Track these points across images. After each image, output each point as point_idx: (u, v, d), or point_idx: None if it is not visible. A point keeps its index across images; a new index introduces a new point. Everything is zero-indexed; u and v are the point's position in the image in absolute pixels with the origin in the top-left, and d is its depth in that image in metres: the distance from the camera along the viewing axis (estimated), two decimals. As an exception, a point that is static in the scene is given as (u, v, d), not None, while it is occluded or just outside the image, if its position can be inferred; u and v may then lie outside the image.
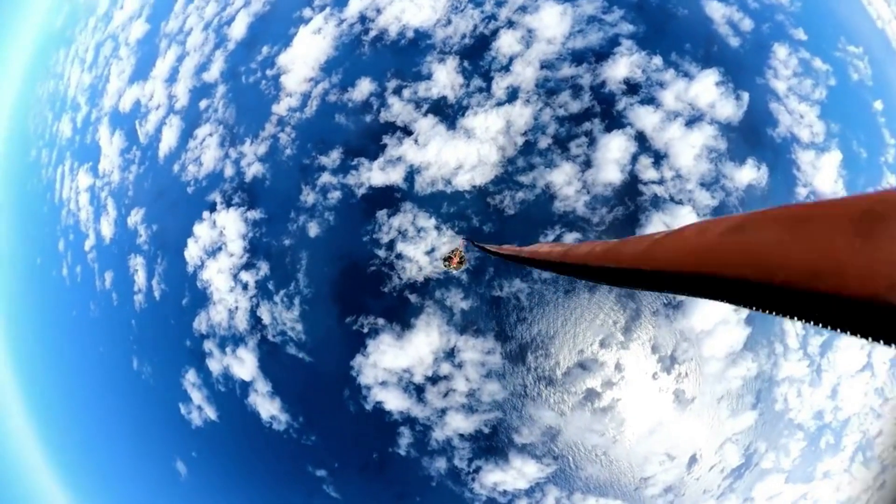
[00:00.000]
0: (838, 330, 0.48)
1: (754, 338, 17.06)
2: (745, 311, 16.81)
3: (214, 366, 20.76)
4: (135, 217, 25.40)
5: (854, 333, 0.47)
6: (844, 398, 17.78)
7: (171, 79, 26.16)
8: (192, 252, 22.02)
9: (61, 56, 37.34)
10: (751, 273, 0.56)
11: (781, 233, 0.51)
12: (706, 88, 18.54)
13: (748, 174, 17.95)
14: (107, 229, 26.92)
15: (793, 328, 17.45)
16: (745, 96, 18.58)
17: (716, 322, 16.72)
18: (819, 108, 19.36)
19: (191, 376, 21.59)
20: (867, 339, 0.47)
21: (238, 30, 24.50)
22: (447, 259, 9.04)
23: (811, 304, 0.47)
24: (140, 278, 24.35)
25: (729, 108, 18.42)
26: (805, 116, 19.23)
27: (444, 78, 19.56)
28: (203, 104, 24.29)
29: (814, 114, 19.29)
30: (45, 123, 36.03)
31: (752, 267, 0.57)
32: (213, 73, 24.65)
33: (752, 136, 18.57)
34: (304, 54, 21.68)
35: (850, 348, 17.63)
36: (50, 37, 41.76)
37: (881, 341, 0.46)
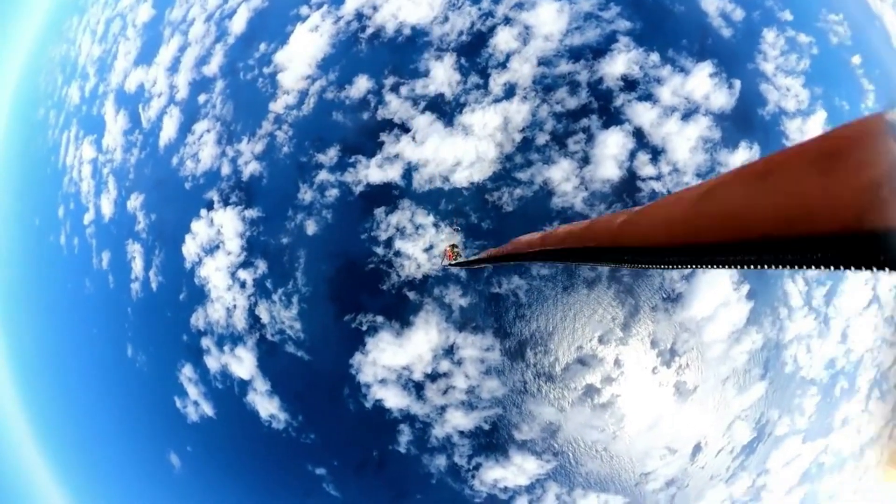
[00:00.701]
0: (824, 267, 0.48)
1: (757, 310, 16.92)
2: (745, 288, 16.88)
3: (212, 363, 20.65)
4: (134, 202, 25.23)
5: (839, 266, 0.47)
6: (854, 339, 17.53)
7: (173, 68, 26.03)
8: (190, 248, 21.91)
9: (74, 22, 36.86)
10: (729, 234, 0.57)
11: (750, 190, 0.52)
12: (701, 81, 18.54)
13: (741, 157, 17.97)
14: (107, 207, 26.73)
15: (795, 288, 17.39)
16: (737, 84, 18.61)
17: (716, 306, 16.64)
18: (803, 78, 19.47)
19: (187, 371, 21.40)
20: (852, 268, 0.48)
21: (238, 24, 24.37)
22: (452, 248, 9.09)
23: (793, 250, 0.47)
24: (137, 266, 24.13)
25: (722, 98, 18.43)
26: (791, 89, 19.29)
27: (442, 75, 19.51)
28: (202, 98, 24.21)
29: (799, 84, 19.37)
30: (55, 85, 35.60)
31: (728, 228, 0.57)
32: (212, 68, 24.54)
33: (743, 120, 18.59)
34: (301, 52, 21.59)
35: (855, 289, 17.38)
36: (64, 1, 41.17)
37: (865, 268, 0.46)
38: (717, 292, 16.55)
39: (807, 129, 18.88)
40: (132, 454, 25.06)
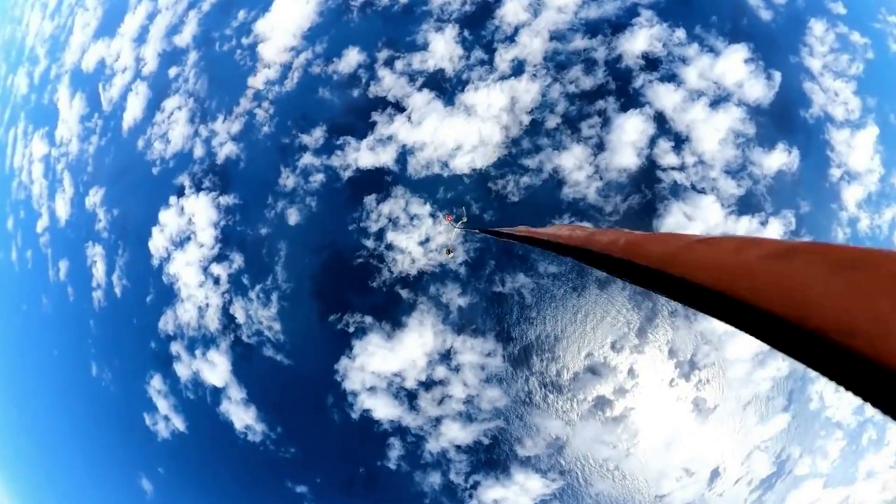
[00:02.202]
0: (867, 399, 0.45)
1: None
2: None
3: (182, 371, 20.67)
4: (94, 197, 24.96)
5: (887, 409, 0.43)
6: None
7: (140, 38, 25.68)
8: (158, 242, 21.79)
9: (21, -2, 36.16)
10: (782, 308, 0.54)
11: (827, 273, 0.49)
12: (734, 66, 18.53)
13: (778, 159, 17.98)
14: (62, 209, 26.39)
15: None
16: (777, 76, 18.59)
17: None
18: (855, 84, 19.45)
19: (156, 383, 21.47)
20: (861, 395, 0.45)
21: (214, -12, 24.14)
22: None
23: (842, 361, 0.44)
24: (99, 271, 24.06)
25: (758, 89, 18.42)
26: (840, 94, 19.31)
27: (442, 48, 19.42)
28: (172, 72, 23.90)
29: (849, 90, 19.37)
30: (-4, 75, 35.02)
31: (785, 301, 0.55)
32: (184, 37, 24.27)
33: (783, 118, 18.58)
34: (285, 20, 21.40)
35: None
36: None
37: (869, 400, 0.43)
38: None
39: (855, 143, 18.76)
40: (100, 483, 25.06)
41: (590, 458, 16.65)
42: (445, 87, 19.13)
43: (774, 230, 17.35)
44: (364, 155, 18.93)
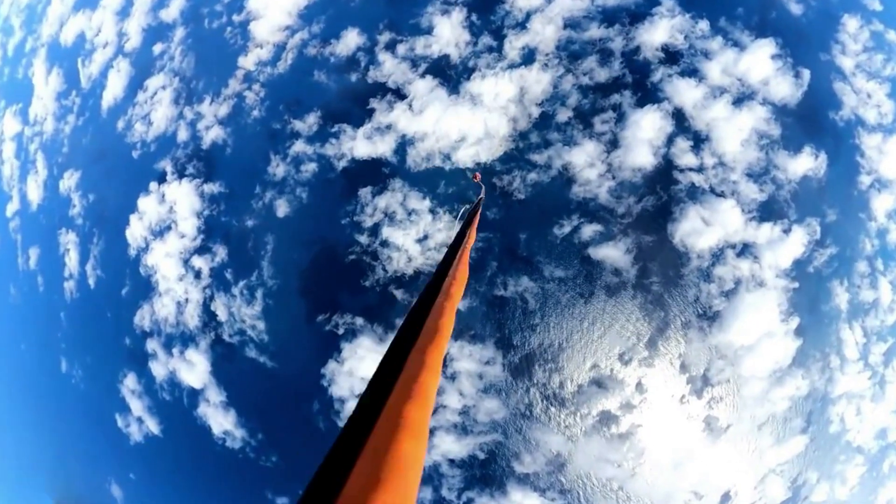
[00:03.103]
0: None
1: (805, 351, 17.04)
2: (794, 322, 16.80)
3: (158, 370, 20.55)
4: (68, 181, 24.78)
5: None
6: (914, 410, 17.79)
7: (124, 12, 25.54)
8: (136, 231, 21.69)
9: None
10: None
11: None
12: (760, 62, 18.46)
13: (804, 164, 17.87)
14: (34, 192, 26.20)
15: (851, 336, 17.46)
16: (806, 74, 18.50)
17: (759, 335, 16.66)
18: (889, 86, 19.36)
19: (130, 382, 21.32)
20: None
21: (204, -39, 24.01)
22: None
23: None
24: (72, 260, 23.88)
25: (785, 87, 18.34)
26: (873, 95, 19.21)
27: (448, 33, 19.37)
28: (157, 48, 23.81)
29: (883, 92, 19.28)
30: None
31: None
32: (171, 12, 24.15)
33: (810, 120, 18.49)
34: (280, -3, 21.33)
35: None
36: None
37: None
38: (761, 319, 16.55)
39: (888, 149, 18.68)
40: (68, 488, 24.85)
41: (592, 477, 16.54)
42: (450, 75, 19.08)
43: (798, 239, 17.23)
44: (360, 144, 18.86)
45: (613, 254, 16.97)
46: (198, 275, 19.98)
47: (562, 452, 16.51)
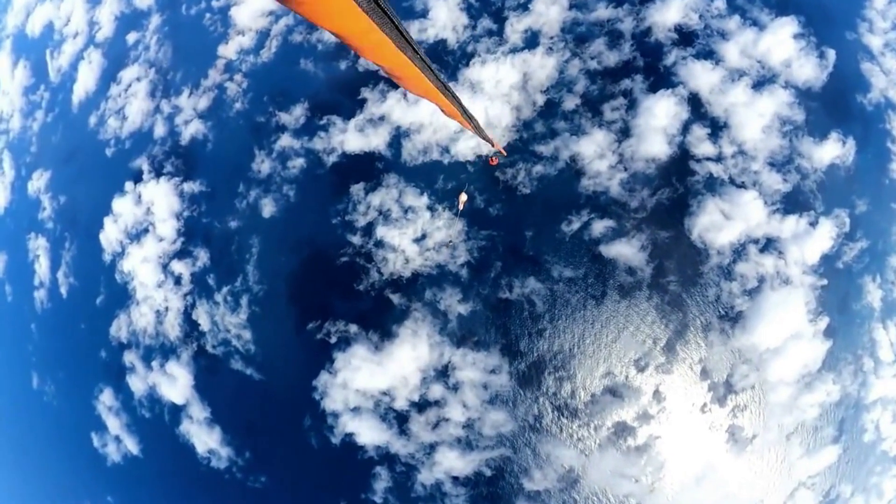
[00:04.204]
0: None
1: (836, 353, 16.98)
2: (823, 322, 16.69)
3: (137, 384, 20.48)
4: (38, 182, 24.78)
5: None
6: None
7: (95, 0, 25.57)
8: (110, 235, 21.65)
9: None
10: None
11: None
12: (781, 42, 18.46)
13: (830, 151, 17.82)
14: (0, 194, 26.27)
15: (885, 337, 17.38)
16: (831, 54, 18.48)
17: (786, 337, 16.57)
18: None
19: (106, 398, 21.26)
20: None
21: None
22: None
23: None
24: (42, 267, 23.84)
25: (809, 69, 18.33)
26: None
27: (444, 16, 19.33)
28: (131, 38, 23.80)
29: None
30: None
31: None
32: (145, -1, 24.26)
33: (837, 104, 18.45)
34: (263, -19, 21.42)
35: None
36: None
37: None
38: (788, 319, 16.50)
39: None
40: None
41: (608, 493, 16.46)
42: (448, 61, 19.08)
43: (826, 232, 17.16)
44: (351, 137, 18.82)
45: (627, 251, 16.90)
46: (178, 281, 19.92)
47: (574, 467, 16.42)
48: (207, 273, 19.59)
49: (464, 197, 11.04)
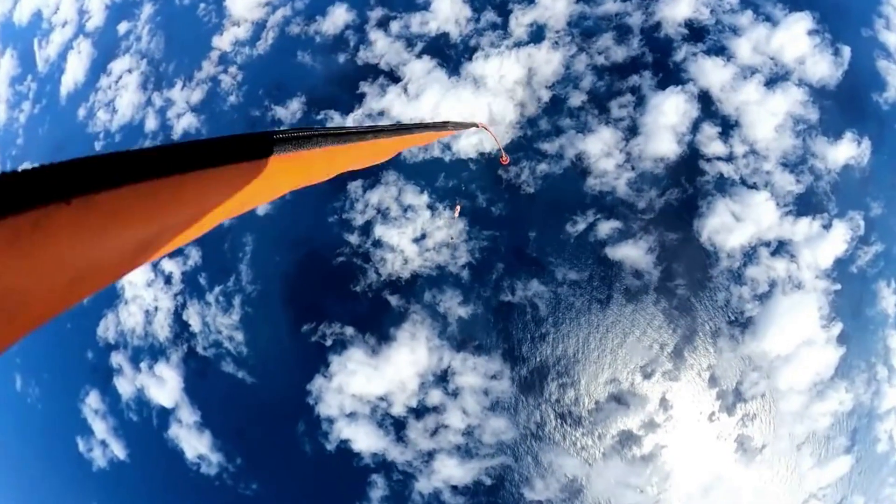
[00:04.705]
0: None
1: (849, 361, 16.94)
2: (836, 328, 16.67)
3: (124, 387, 20.46)
4: None
5: None
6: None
7: None
8: None
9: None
10: None
11: None
12: (794, 39, 18.45)
13: (845, 151, 17.79)
14: None
15: None
16: (846, 51, 18.47)
17: (798, 343, 16.54)
18: None
19: (93, 401, 21.22)
20: None
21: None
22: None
23: None
24: None
25: (823, 67, 18.32)
26: None
27: (447, 8, 19.31)
28: (122, 27, 23.83)
29: None
30: None
31: None
32: (137, -13, 24.36)
33: (852, 102, 18.43)
34: (259, -30, 21.47)
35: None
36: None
37: None
38: (800, 325, 16.46)
39: None
40: None
41: (612, 503, 16.39)
42: (450, 55, 19.07)
43: (839, 235, 17.13)
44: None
45: (633, 253, 16.87)
46: (168, 280, 19.89)
47: (578, 477, 16.40)
48: (199, 272, 19.59)
49: (458, 208, 11.30)
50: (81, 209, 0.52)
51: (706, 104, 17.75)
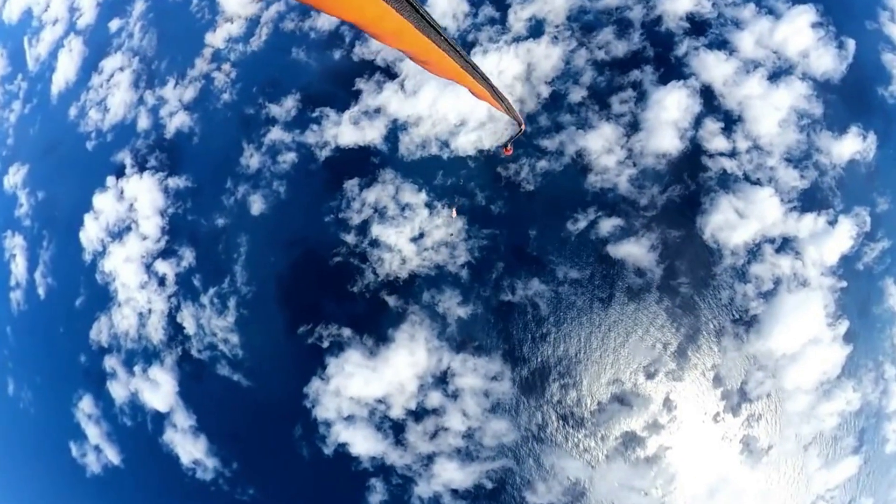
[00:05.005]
0: None
1: (856, 360, 16.96)
2: (843, 326, 16.67)
3: (118, 391, 20.49)
4: (14, 177, 24.83)
5: None
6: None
7: None
8: (91, 233, 21.69)
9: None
10: None
11: None
12: (798, 32, 18.47)
13: (850, 146, 17.81)
14: None
15: None
16: (851, 44, 18.51)
17: (804, 342, 16.55)
18: None
19: (86, 405, 21.27)
20: None
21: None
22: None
23: None
24: (19, 267, 23.84)
25: (828, 60, 18.34)
26: None
27: (444, 3, 19.32)
28: (114, 25, 23.85)
29: None
30: None
31: None
32: (129, -16, 24.42)
33: (857, 96, 18.47)
34: (253, -35, 21.50)
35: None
36: None
37: None
38: (805, 323, 16.47)
39: None
40: None
41: (616, 507, 16.41)
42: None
43: (845, 231, 17.15)
44: (346, 130, 18.84)
45: (635, 251, 16.87)
46: (162, 282, 19.92)
47: (580, 480, 16.42)
48: (193, 273, 19.61)
49: (455, 210, 11.46)
50: None
51: (708, 99, 17.77)
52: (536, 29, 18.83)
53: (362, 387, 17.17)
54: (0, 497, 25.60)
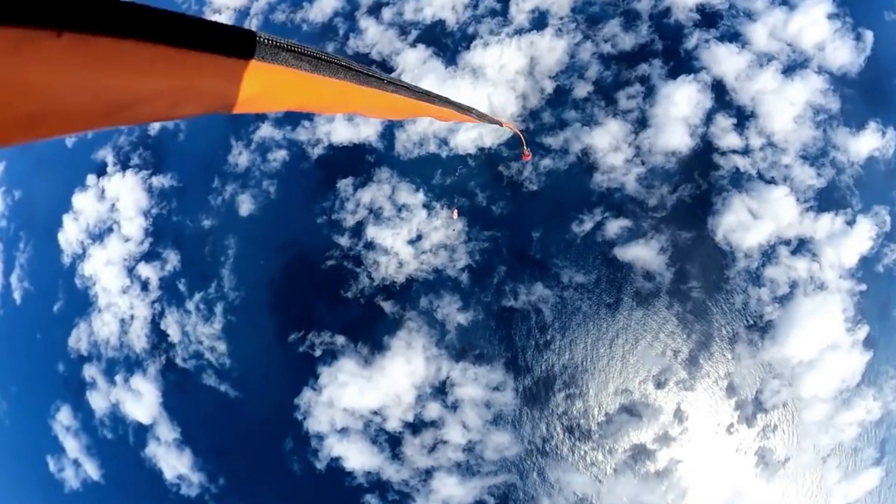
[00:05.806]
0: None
1: (877, 366, 16.97)
2: (862, 331, 16.69)
3: (98, 401, 20.44)
4: None
5: None
6: None
7: None
8: (70, 234, 21.65)
9: None
10: None
11: None
12: (813, 23, 18.56)
13: (868, 143, 17.87)
14: None
15: None
16: (868, 36, 18.60)
17: (821, 348, 16.56)
18: None
19: (64, 417, 21.18)
20: None
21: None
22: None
23: None
24: None
25: (844, 53, 18.44)
26: None
27: (442, -6, 19.57)
28: None
29: None
30: None
31: None
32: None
33: (875, 91, 18.56)
34: (242, -46, 21.65)
35: None
36: None
37: None
38: (823, 328, 16.49)
39: None
40: None
41: (624, 524, 16.41)
42: (446, 43, 19.13)
43: (864, 232, 17.19)
44: (339, 127, 18.86)
45: (644, 254, 16.90)
46: (145, 286, 19.91)
47: (587, 495, 16.39)
48: (178, 278, 19.61)
49: (455, 212, 11.55)
50: (70, 45, 0.54)
51: (720, 94, 17.84)
52: (540, 21, 18.91)
53: (357, 397, 17.18)
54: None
